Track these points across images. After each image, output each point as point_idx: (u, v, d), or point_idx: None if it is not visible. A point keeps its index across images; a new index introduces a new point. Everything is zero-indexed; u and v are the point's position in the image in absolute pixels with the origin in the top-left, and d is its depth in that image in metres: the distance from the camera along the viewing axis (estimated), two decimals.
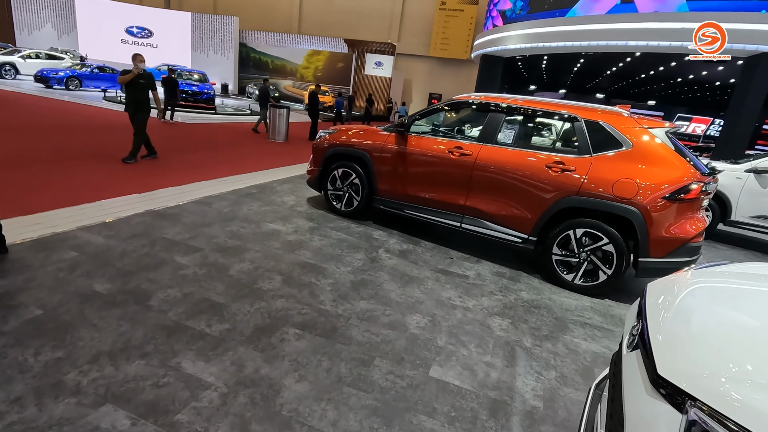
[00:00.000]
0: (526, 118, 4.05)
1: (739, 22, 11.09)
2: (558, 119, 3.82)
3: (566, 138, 3.78)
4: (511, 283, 3.72)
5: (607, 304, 3.57)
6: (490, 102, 4.13)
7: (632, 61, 19.22)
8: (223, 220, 4.28)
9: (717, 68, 18.14)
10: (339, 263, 3.64)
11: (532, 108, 3.93)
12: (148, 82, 6.46)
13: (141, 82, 6.34)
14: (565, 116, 3.77)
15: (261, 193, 5.57)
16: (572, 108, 3.78)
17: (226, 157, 7.89)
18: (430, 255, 4.15)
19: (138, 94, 6.35)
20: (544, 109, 3.88)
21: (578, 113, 3.71)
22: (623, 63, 20.47)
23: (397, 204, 4.55)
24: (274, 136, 11.30)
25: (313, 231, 4.36)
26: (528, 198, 3.76)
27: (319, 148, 5.05)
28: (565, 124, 3.76)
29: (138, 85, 6.33)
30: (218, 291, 2.88)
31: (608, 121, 3.59)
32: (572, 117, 3.72)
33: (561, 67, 25.38)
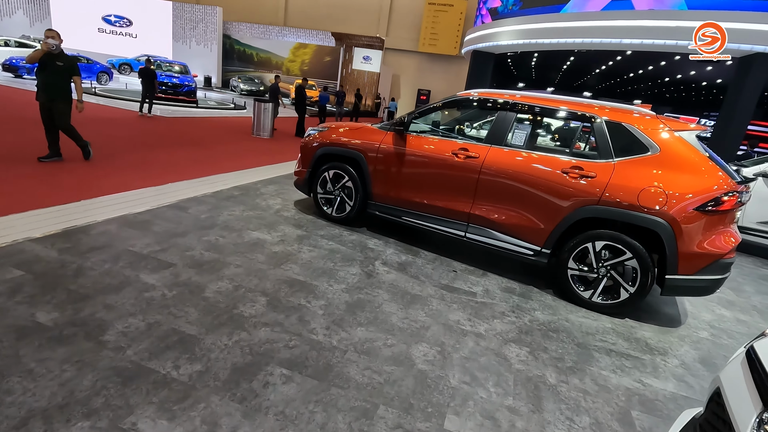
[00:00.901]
0: (540, 117, 3.68)
1: (736, 21, 10.94)
2: (575, 119, 3.46)
3: (585, 141, 3.42)
4: (523, 301, 3.35)
5: (629, 324, 3.23)
6: (498, 99, 3.74)
7: (622, 60, 19.13)
8: (201, 228, 3.81)
9: (705, 68, 18.15)
10: (332, 279, 3.22)
11: (547, 107, 3.56)
12: (67, 66, 5.25)
13: (59, 65, 5.17)
14: (584, 116, 3.41)
15: (244, 195, 5.10)
16: (592, 107, 3.42)
17: (208, 155, 7.36)
18: (432, 268, 3.76)
19: (53, 80, 5.15)
20: (560, 108, 3.51)
21: (598, 113, 3.35)
22: (613, 61, 20.37)
23: (394, 210, 4.15)
24: (259, 131, 10.76)
25: (302, 240, 3.92)
26: (542, 206, 3.40)
27: (308, 147, 4.61)
28: (583, 125, 3.39)
29: (54, 70, 5.15)
30: (190, 319, 2.44)
31: (632, 123, 3.24)
32: (591, 117, 3.36)
33: (551, 64, 25.24)
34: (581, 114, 3.41)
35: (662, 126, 3.17)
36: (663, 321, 3.40)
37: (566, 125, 3.60)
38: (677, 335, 3.19)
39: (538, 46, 15.98)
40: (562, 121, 3.54)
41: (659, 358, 2.81)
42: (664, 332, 3.20)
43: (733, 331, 3.39)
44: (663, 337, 3.11)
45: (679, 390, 2.49)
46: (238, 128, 11.69)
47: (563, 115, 3.49)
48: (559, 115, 3.52)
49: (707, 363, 2.84)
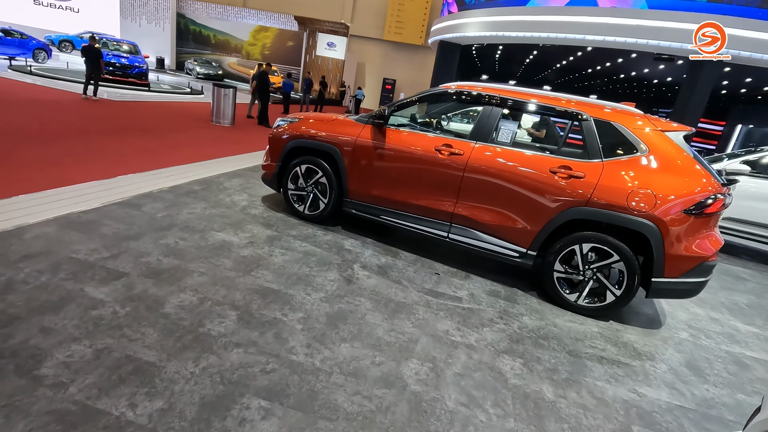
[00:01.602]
0: (528, 114, 3.53)
1: (691, 22, 11.39)
2: (564, 117, 3.34)
3: (574, 139, 3.32)
4: (509, 306, 3.23)
5: (614, 328, 3.18)
6: (484, 93, 3.56)
7: (582, 56, 19.67)
8: (157, 230, 3.41)
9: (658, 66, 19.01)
10: (309, 287, 2.94)
11: (535, 103, 3.41)
12: None
13: None
14: (573, 114, 3.29)
15: (206, 190, 4.67)
16: (580, 105, 3.30)
17: (163, 144, 6.77)
18: (414, 270, 3.56)
19: None
20: (549, 105, 3.37)
21: (587, 111, 3.25)
22: (573, 57, 20.92)
23: (372, 209, 3.90)
24: (219, 119, 10.12)
25: (273, 242, 3.60)
26: (529, 207, 3.27)
27: (278, 139, 4.25)
28: (572, 122, 3.28)
29: None
30: (148, 342, 2.10)
31: (621, 122, 3.15)
32: (580, 115, 3.25)
33: (514, 58, 25.63)
34: (570, 111, 3.29)
35: (651, 126, 3.10)
36: (645, 322, 3.39)
37: (554, 123, 3.47)
38: (660, 337, 3.18)
39: (505, 39, 16.07)
40: (550, 118, 3.42)
41: (648, 364, 2.76)
42: (648, 334, 3.18)
43: (709, 331, 3.44)
44: (648, 340, 3.08)
45: (672, 399, 2.44)
46: (196, 115, 10.96)
47: (551, 112, 3.36)
48: (548, 112, 3.39)
49: (692, 367, 2.83)
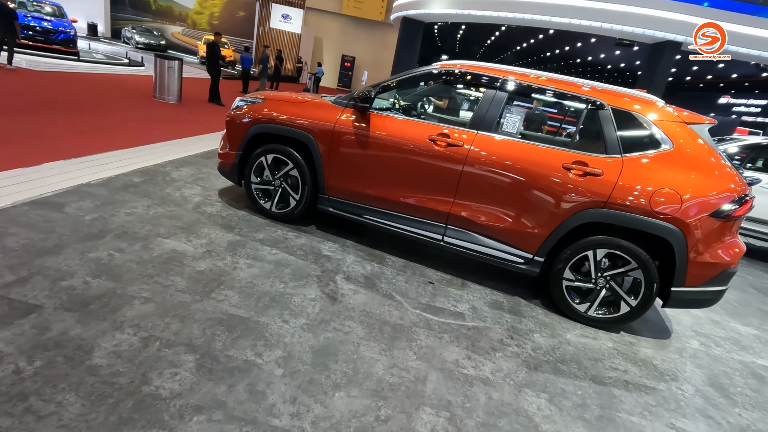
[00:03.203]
0: (538, 100, 3.09)
1: (651, 8, 11.46)
2: (578, 104, 2.93)
3: (589, 130, 2.93)
4: (516, 320, 2.84)
5: (627, 340, 2.90)
6: (486, 75, 3.08)
7: (544, 39, 19.69)
8: (85, 239, 2.69)
9: (615, 52, 19.41)
10: (285, 311, 2.39)
11: (546, 87, 2.97)
12: None
13: None
14: (588, 101, 2.88)
15: (149, 183, 3.90)
16: (597, 91, 2.90)
17: (95, 124, 5.77)
18: (405, 279, 3.08)
19: None
20: (561, 90, 2.94)
21: (605, 98, 2.85)
22: (535, 40, 20.94)
23: (353, 207, 3.36)
24: (164, 95, 9.00)
25: (236, 249, 2.99)
26: (538, 207, 2.86)
27: (237, 123, 3.57)
28: (587, 111, 2.88)
29: None
30: (67, 418, 1.49)
31: (643, 112, 2.79)
32: (597, 103, 2.85)
33: (476, 38, 25.38)
34: (586, 98, 2.89)
35: (675, 117, 2.76)
36: (654, 331, 3.13)
37: (567, 110, 3.06)
38: (674, 349, 2.93)
39: (471, 17, 15.63)
40: (563, 105, 3.00)
41: (674, 387, 2.48)
42: (661, 346, 2.92)
43: (715, 337, 3.25)
44: (664, 355, 2.81)
45: (711, 430, 2.16)
46: (136, 90, 9.72)
47: (565, 98, 2.94)
48: (560, 98, 2.97)
49: (716, 386, 2.59)
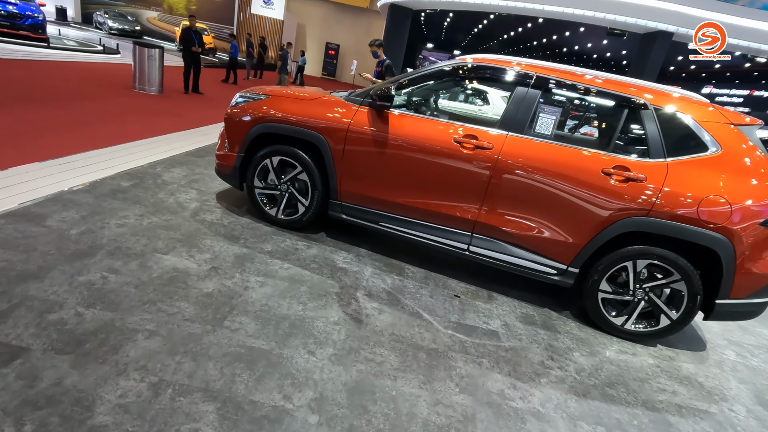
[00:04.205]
0: (575, 98, 2.86)
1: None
2: (619, 104, 2.71)
3: (630, 132, 2.72)
4: (552, 337, 2.65)
5: (666, 354, 2.74)
6: (517, 70, 2.82)
7: (532, 27, 19.52)
8: (73, 258, 2.36)
9: (603, 42, 19.40)
10: (309, 339, 2.13)
11: (583, 84, 2.73)
12: None
13: None
14: (630, 100, 2.67)
15: (139, 187, 3.55)
16: (640, 89, 2.68)
17: (71, 119, 5.31)
18: (429, 293, 2.85)
19: None
20: (601, 88, 2.71)
21: (648, 98, 2.64)
22: (523, 28, 20.75)
23: (369, 214, 3.09)
24: (144, 85, 8.46)
25: (244, 264, 2.69)
26: (575, 215, 2.66)
27: (238, 121, 3.24)
28: (627, 111, 2.67)
29: None
30: None
31: (689, 112, 2.59)
32: (639, 102, 2.64)
33: (462, 27, 25.08)
34: (627, 97, 2.67)
35: (723, 118, 2.57)
36: (687, 341, 2.99)
37: (606, 110, 2.85)
38: (713, 362, 2.79)
39: (461, 5, 15.30)
40: (602, 104, 2.78)
41: (725, 408, 2.33)
42: (700, 359, 2.78)
43: (748, 345, 3.13)
44: (706, 370, 2.67)
45: None
46: (113, 79, 9.14)
47: (604, 96, 2.71)
48: (599, 97, 2.74)
49: (764, 403, 2.45)
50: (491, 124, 2.84)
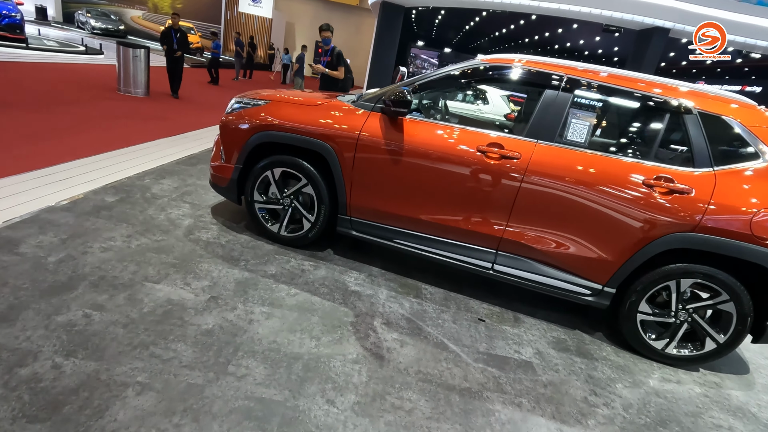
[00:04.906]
0: (610, 102, 2.61)
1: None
2: (659, 108, 2.46)
3: (672, 139, 2.48)
4: (590, 366, 2.41)
5: (711, 380, 2.51)
6: (547, 72, 2.56)
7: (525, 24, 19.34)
8: (50, 292, 2.05)
9: (596, 38, 19.31)
10: (326, 383, 1.85)
11: (620, 87, 2.49)
12: None
13: None
14: (670, 104, 2.42)
15: (125, 202, 3.23)
16: (682, 92, 2.44)
17: (51, 125, 4.94)
18: (451, 318, 2.59)
19: None
20: (639, 91, 2.47)
21: (691, 101, 2.40)
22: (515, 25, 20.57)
23: (381, 230, 2.82)
24: (129, 87, 8.07)
25: (247, 291, 2.40)
26: (613, 231, 2.41)
27: (234, 130, 2.95)
28: (669, 115, 2.42)
29: None
30: None
31: (738, 117, 2.36)
32: (682, 106, 2.40)
33: (454, 24, 24.84)
34: (668, 100, 2.42)
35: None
36: (728, 362, 2.77)
37: (646, 115, 2.61)
38: (761, 387, 2.57)
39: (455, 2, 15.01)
40: (641, 108, 2.54)
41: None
42: (748, 384, 2.56)
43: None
44: (756, 397, 2.44)
45: None
46: (96, 81, 8.72)
47: (643, 99, 2.47)
48: (637, 100, 2.50)
49: None
50: (518, 131, 2.58)
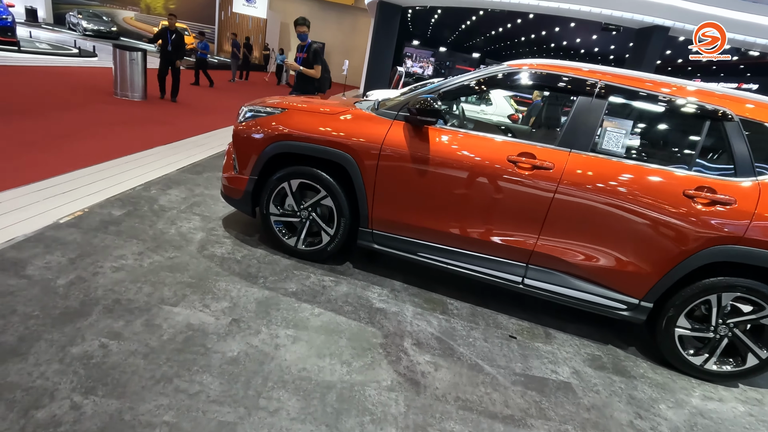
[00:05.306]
0: (647, 109, 2.50)
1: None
2: (698, 115, 2.36)
3: (713, 147, 2.39)
4: (630, 386, 2.31)
5: (754, 398, 2.42)
6: (580, 78, 2.46)
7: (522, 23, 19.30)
8: (62, 321, 1.91)
9: (593, 37, 19.31)
10: (364, 417, 1.73)
11: (657, 93, 2.38)
12: None
13: None
14: (710, 111, 2.33)
15: (133, 216, 3.08)
16: (721, 98, 2.35)
17: (49, 131, 4.77)
18: (482, 335, 2.48)
19: None
20: (677, 97, 2.37)
21: (731, 107, 2.30)
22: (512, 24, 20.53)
23: (406, 243, 2.70)
24: (126, 91, 7.88)
25: (269, 313, 2.28)
26: (652, 244, 2.31)
27: (248, 139, 2.82)
28: (709, 122, 2.32)
29: None
30: None
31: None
32: (722, 112, 2.30)
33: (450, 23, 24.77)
34: (707, 107, 2.32)
35: None
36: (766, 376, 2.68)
37: (684, 122, 2.51)
38: None
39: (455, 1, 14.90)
40: (678, 116, 2.44)
41: None
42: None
43: None
44: None
45: None
46: (92, 85, 8.52)
47: (680, 107, 2.36)
48: (675, 108, 2.39)
49: None
50: (550, 140, 2.47)
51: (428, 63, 36.74)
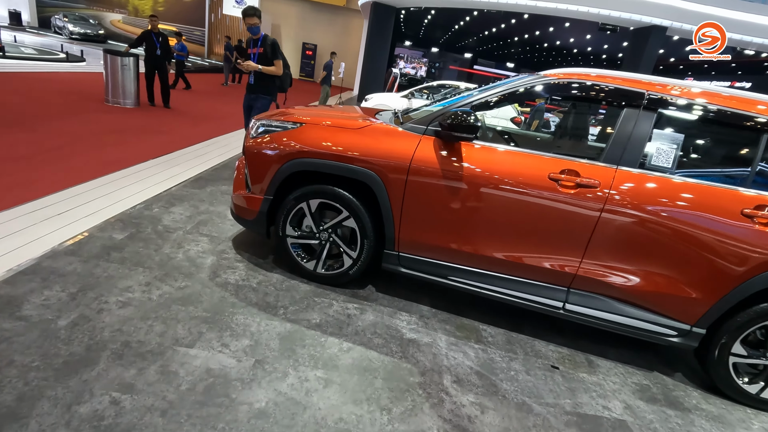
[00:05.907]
0: (699, 122, 2.33)
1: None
2: (754, 127, 2.20)
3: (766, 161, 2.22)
4: (686, 420, 2.14)
5: None
6: (627, 88, 2.28)
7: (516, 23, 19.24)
8: (65, 372, 1.68)
9: (587, 36, 19.31)
10: None
11: (711, 104, 2.22)
12: None
13: None
14: (761, 122, 2.17)
15: (136, 239, 2.85)
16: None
17: (39, 144, 4.50)
18: (523, 368, 2.29)
19: None
20: (730, 108, 2.20)
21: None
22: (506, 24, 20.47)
23: (436, 266, 2.51)
24: (118, 98, 7.59)
25: (294, 351, 2.07)
26: (706, 266, 2.15)
27: (262, 156, 2.60)
28: (766, 136, 2.16)
29: None
30: None
31: None
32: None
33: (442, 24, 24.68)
34: (759, 118, 2.16)
35: None
36: None
37: (740, 136, 2.35)
38: None
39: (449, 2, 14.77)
40: (733, 129, 2.28)
41: None
42: None
43: None
44: None
45: None
46: (81, 91, 8.21)
47: (736, 120, 2.20)
48: (729, 120, 2.23)
49: None
50: (594, 155, 2.30)
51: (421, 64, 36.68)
